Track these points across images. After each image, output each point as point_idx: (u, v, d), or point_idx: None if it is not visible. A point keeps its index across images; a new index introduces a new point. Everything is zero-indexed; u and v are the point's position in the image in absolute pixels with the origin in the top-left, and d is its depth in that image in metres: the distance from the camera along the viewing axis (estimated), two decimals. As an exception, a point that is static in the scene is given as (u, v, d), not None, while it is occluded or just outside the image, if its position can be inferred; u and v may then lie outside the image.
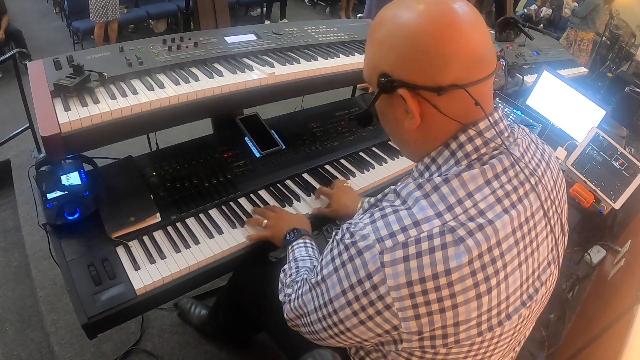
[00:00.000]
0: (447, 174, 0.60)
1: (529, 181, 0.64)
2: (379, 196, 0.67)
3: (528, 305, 0.64)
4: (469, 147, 0.62)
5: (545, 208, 0.66)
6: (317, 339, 0.74)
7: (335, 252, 0.63)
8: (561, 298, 1.49)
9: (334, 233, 0.66)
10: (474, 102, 0.58)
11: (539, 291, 0.66)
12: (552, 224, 0.68)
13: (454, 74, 0.57)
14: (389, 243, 0.57)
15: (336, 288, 0.63)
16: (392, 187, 0.64)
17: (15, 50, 2.21)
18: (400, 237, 0.57)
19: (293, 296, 0.77)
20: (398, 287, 0.56)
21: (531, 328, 0.78)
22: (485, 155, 0.62)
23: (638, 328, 0.92)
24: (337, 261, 0.62)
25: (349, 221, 0.64)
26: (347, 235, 0.61)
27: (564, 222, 0.72)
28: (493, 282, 0.58)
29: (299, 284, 0.77)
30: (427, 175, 0.64)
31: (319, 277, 0.66)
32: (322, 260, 0.67)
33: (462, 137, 0.62)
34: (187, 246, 1.07)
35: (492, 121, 0.62)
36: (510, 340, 0.68)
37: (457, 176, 0.60)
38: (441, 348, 0.61)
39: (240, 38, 1.38)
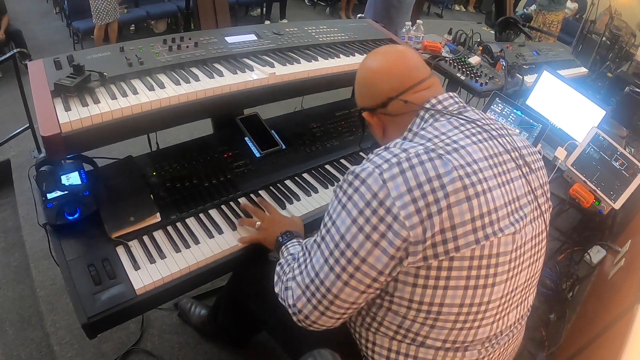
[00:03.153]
0: (422, 126, 0.79)
1: (489, 132, 0.79)
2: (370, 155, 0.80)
3: (518, 227, 0.73)
4: (431, 112, 0.80)
5: (513, 156, 0.79)
6: (324, 310, 0.76)
7: (340, 194, 0.74)
8: (561, 298, 1.49)
9: (335, 185, 0.87)
10: (404, 101, 0.81)
11: (524, 220, 0.75)
12: (525, 171, 0.80)
13: (385, 92, 0.83)
14: (385, 166, 0.70)
15: (346, 221, 0.72)
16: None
17: (15, 50, 2.21)
18: (394, 160, 0.71)
19: (297, 271, 0.80)
20: (401, 196, 0.67)
21: (533, 288, 0.86)
22: (446, 115, 0.79)
23: (638, 328, 0.92)
24: (344, 199, 0.73)
25: (349, 170, 0.75)
26: (350, 175, 0.73)
27: (540, 179, 0.84)
28: (478, 188, 0.70)
29: (300, 259, 0.81)
30: (408, 135, 0.81)
31: (327, 227, 0.76)
32: (326, 214, 0.77)
33: (428, 105, 0.81)
34: (187, 246, 1.07)
35: (446, 96, 0.82)
36: (509, 271, 0.74)
37: (430, 125, 0.78)
38: (444, 259, 0.68)
39: (240, 38, 1.38)
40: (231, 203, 1.21)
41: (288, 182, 1.33)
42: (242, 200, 1.23)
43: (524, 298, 0.84)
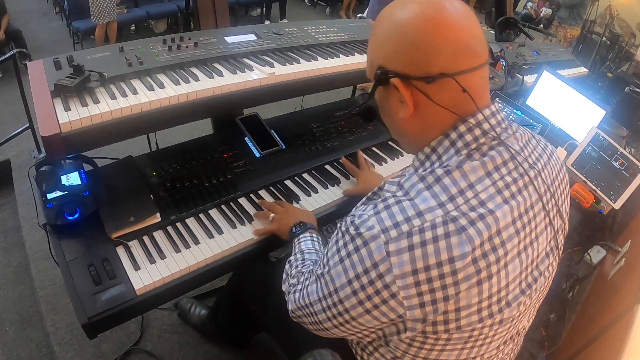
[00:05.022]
0: (448, 165, 0.63)
1: (528, 174, 0.66)
2: (376, 189, 0.69)
3: (527, 293, 0.66)
4: (468, 137, 0.64)
5: (544, 201, 0.68)
6: (320, 329, 0.74)
7: (341, 243, 0.65)
8: (561, 298, 1.49)
9: (338, 224, 0.68)
10: (462, 89, 0.61)
11: (537, 280, 0.68)
12: (551, 216, 0.70)
13: (442, 63, 0.60)
14: (393, 233, 0.59)
15: (342, 278, 0.64)
16: (391, 179, 0.67)
17: (15, 50, 2.21)
18: (405, 227, 0.58)
19: (299, 287, 0.78)
20: (404, 276, 0.58)
21: (532, 319, 0.79)
22: (484, 145, 0.64)
23: (638, 328, 0.92)
24: (343, 252, 0.64)
25: (352, 213, 0.66)
26: (352, 227, 0.63)
27: (564, 215, 0.73)
28: (494, 269, 0.60)
29: (305, 275, 0.78)
30: (427, 164, 0.67)
31: (325, 269, 0.68)
32: (327, 251, 0.69)
33: (462, 128, 0.64)
34: (187, 246, 1.07)
35: (489, 112, 0.65)
36: (510, 327, 0.69)
37: (458, 168, 0.62)
38: (442, 334, 0.63)
39: (240, 38, 1.38)
40: (231, 203, 1.21)
41: (288, 182, 1.33)
42: (242, 200, 1.23)
43: (522, 333, 0.81)
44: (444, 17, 0.61)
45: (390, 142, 1.56)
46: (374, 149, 1.52)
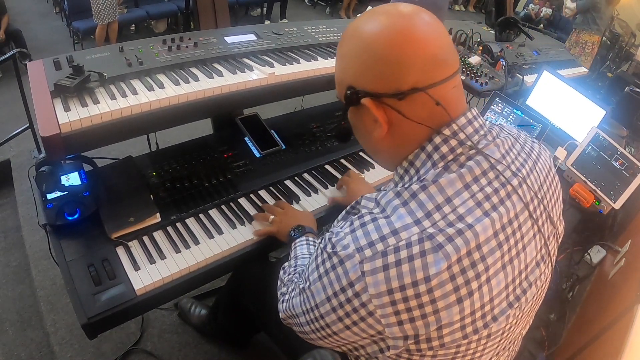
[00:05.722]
0: (424, 179, 0.61)
1: (510, 183, 0.63)
2: (354, 203, 0.67)
3: (516, 306, 0.64)
4: (444, 149, 0.62)
5: (531, 209, 0.65)
6: (309, 339, 0.74)
7: (319, 260, 0.64)
8: (561, 298, 1.49)
9: (318, 241, 0.67)
10: (435, 102, 0.59)
11: (527, 291, 0.65)
12: (540, 223, 0.67)
13: (412, 78, 0.58)
14: (368, 252, 0.57)
15: (321, 294, 0.63)
16: (369, 195, 0.65)
17: (15, 50, 2.21)
18: (379, 246, 0.57)
19: (286, 297, 0.78)
20: (379, 295, 0.57)
21: (527, 327, 0.77)
22: (462, 155, 0.62)
23: (638, 328, 0.92)
24: (321, 269, 0.63)
25: (330, 229, 0.65)
26: (329, 245, 0.61)
27: (555, 220, 0.71)
28: (474, 285, 0.58)
29: (292, 286, 0.77)
30: (407, 178, 0.65)
31: (306, 284, 0.67)
32: (308, 267, 0.67)
33: (437, 139, 0.62)
34: (187, 246, 1.07)
35: (465, 120, 0.63)
36: (501, 339, 0.68)
37: (434, 182, 0.60)
38: (427, 351, 0.61)
39: (240, 38, 1.38)
40: (231, 203, 1.21)
41: (288, 182, 1.33)
42: (242, 200, 1.23)
43: (518, 339, 0.79)
44: (410, 29, 0.59)
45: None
46: (374, 149, 1.52)
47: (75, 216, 1.06)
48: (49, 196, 1.05)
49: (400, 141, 0.65)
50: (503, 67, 2.11)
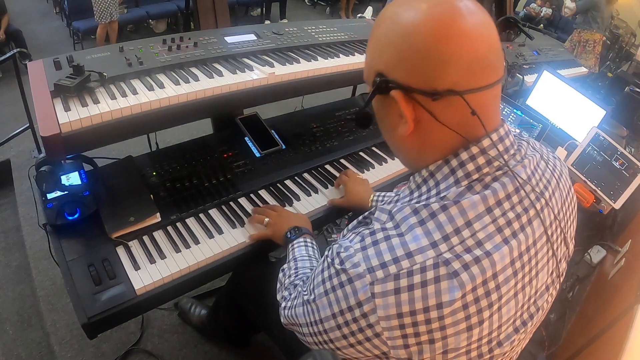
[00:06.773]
0: (445, 197, 0.57)
1: (534, 207, 0.59)
2: (367, 213, 0.65)
3: (522, 330, 0.62)
4: (470, 167, 0.57)
5: (549, 233, 0.62)
6: (310, 345, 0.74)
7: (326, 274, 0.61)
8: (561, 298, 1.49)
9: (326, 253, 0.64)
10: (471, 111, 0.53)
11: (533, 317, 0.63)
12: (555, 247, 0.64)
13: (452, 78, 0.52)
14: (380, 274, 0.54)
15: (326, 310, 0.61)
16: (383, 206, 0.62)
17: (15, 50, 2.21)
18: (392, 269, 0.54)
19: (288, 304, 0.76)
20: (388, 318, 0.54)
21: (527, 341, 0.75)
22: (488, 175, 0.58)
23: (638, 328, 0.92)
24: (328, 284, 0.60)
25: (339, 242, 0.62)
26: (337, 260, 0.58)
27: (569, 240, 0.68)
28: (485, 314, 0.55)
29: (294, 294, 0.76)
30: (424, 189, 0.61)
31: (311, 296, 0.65)
32: (314, 278, 0.65)
33: (464, 155, 0.57)
34: (187, 246, 1.07)
35: (497, 137, 0.58)
36: (502, 359, 0.67)
37: (456, 203, 0.55)
38: None
39: (240, 38, 1.38)
40: (231, 203, 1.21)
41: (288, 182, 1.33)
42: (242, 200, 1.23)
43: (515, 357, 0.76)
44: (459, 22, 0.52)
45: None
46: (374, 148, 1.52)
47: (76, 216, 1.06)
48: (49, 196, 1.05)
49: (425, 145, 0.60)
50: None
